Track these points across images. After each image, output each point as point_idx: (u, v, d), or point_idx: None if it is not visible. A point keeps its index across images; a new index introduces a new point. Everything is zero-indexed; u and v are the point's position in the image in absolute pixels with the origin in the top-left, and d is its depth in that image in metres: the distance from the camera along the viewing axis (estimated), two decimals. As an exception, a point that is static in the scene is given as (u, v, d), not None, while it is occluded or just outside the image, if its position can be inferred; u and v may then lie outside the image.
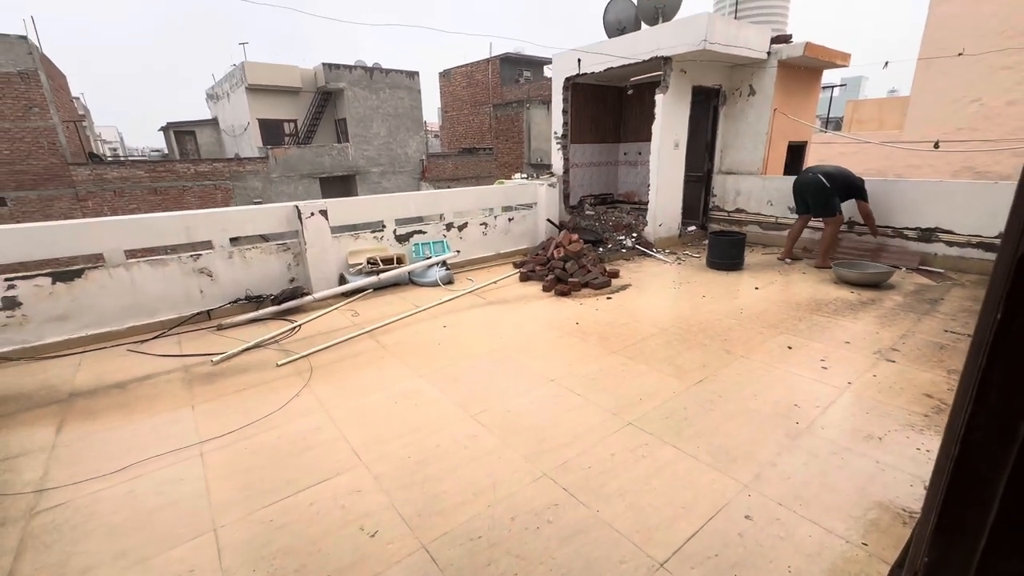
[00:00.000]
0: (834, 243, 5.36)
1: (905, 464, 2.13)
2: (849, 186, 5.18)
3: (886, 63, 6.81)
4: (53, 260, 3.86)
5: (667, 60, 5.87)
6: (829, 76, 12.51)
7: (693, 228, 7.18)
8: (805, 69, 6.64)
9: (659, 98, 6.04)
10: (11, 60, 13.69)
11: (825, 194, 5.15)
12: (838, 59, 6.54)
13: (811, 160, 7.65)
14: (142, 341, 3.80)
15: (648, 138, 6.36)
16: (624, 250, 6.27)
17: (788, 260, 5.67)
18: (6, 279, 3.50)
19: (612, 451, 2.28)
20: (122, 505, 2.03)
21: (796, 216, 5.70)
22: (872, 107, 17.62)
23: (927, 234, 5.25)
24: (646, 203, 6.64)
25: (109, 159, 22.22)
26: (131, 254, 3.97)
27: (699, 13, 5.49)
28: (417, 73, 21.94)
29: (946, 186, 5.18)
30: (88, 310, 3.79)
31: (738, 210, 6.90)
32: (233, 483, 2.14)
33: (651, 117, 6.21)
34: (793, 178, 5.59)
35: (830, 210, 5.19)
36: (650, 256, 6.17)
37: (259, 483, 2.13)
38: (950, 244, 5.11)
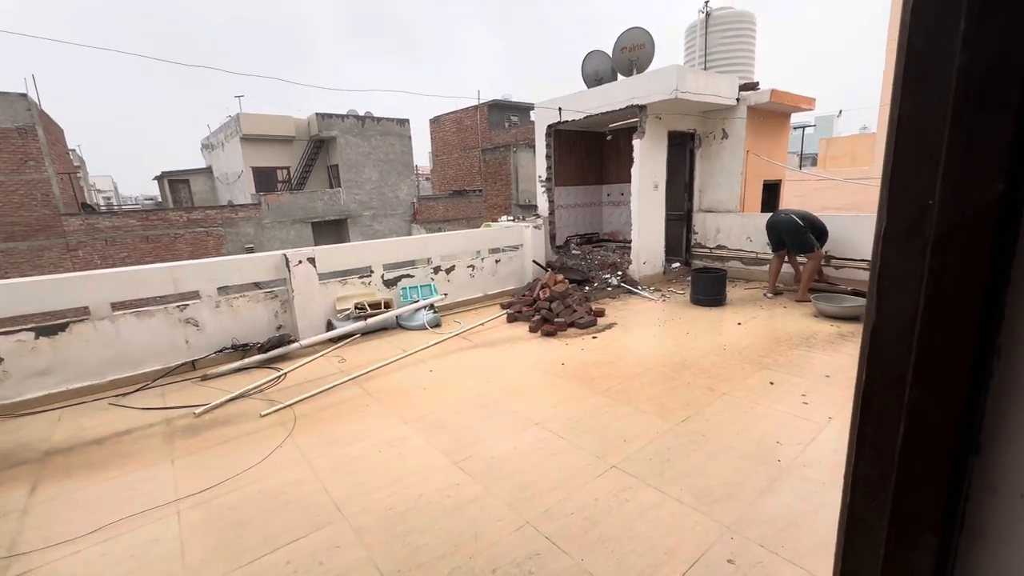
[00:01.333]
0: (813, 277, 5.51)
1: (885, 500, 2.14)
2: (815, 227, 5.42)
3: (839, 112, 7.24)
4: (39, 314, 3.86)
5: (642, 108, 6.19)
6: (804, 116, 13.10)
7: (677, 265, 7.34)
8: (773, 113, 7.02)
9: (636, 143, 6.32)
10: (10, 117, 14.05)
11: (800, 232, 5.35)
12: (803, 103, 6.93)
13: (787, 196, 7.95)
14: (125, 394, 3.76)
15: (628, 179, 6.60)
16: (610, 288, 6.38)
17: (770, 295, 5.79)
18: (-11, 335, 3.49)
19: (596, 496, 2.27)
20: (93, 570, 1.97)
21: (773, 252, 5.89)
22: (844, 144, 18.44)
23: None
24: (630, 241, 6.82)
25: (102, 209, 22.43)
26: (117, 305, 3.98)
27: (669, 65, 5.84)
28: (407, 120, 22.72)
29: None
30: (71, 364, 3.77)
31: (719, 246, 7.09)
32: (209, 542, 2.10)
33: (631, 160, 6.47)
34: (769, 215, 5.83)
35: (808, 246, 5.38)
36: (635, 294, 6.27)
37: (236, 541, 2.09)
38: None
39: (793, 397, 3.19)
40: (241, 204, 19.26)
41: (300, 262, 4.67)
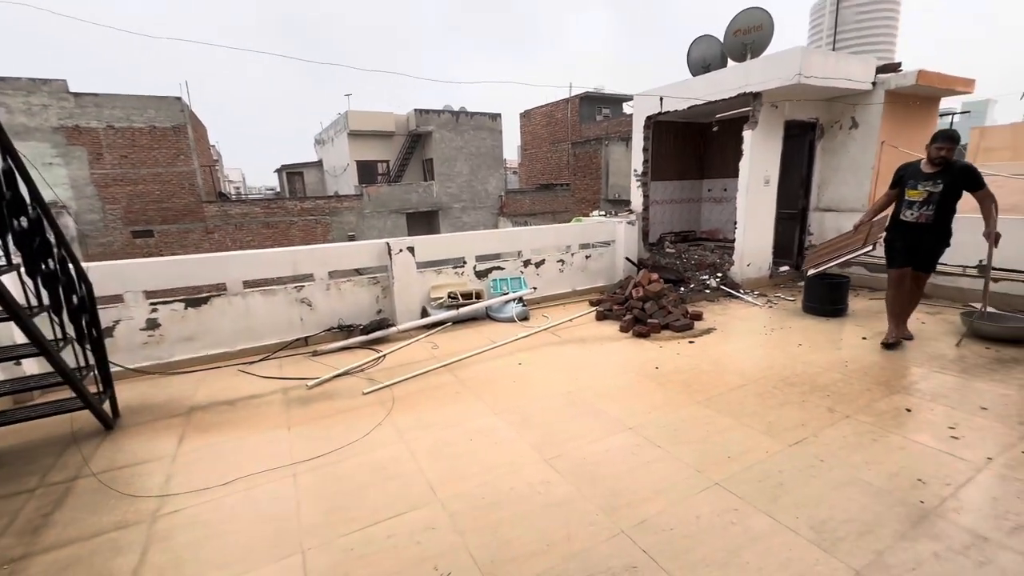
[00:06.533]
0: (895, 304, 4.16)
1: (1073, 569, 1.75)
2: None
3: None
4: (186, 288, 4.46)
5: (756, 95, 5.67)
6: (950, 103, 11.34)
7: (786, 268, 6.68)
8: (918, 98, 6.08)
9: (747, 134, 5.82)
10: (168, 117, 16.43)
11: None
12: (959, 85, 5.92)
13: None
14: (250, 363, 4.22)
15: (734, 174, 6.11)
16: (708, 291, 5.97)
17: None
18: (151, 303, 4.10)
19: (697, 513, 2.12)
20: (227, 517, 2.22)
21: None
22: (1004, 134, 15.55)
23: (1087, 282, 4.44)
24: (732, 241, 6.32)
25: (233, 197, 25.52)
26: (248, 283, 4.48)
27: (792, 47, 5.28)
28: (499, 115, 23.08)
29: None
30: (210, 332, 4.31)
31: (839, 250, 6.31)
32: (320, 506, 2.27)
33: (737, 153, 5.98)
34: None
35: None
36: (737, 298, 5.81)
37: (343, 509, 2.24)
38: (1120, 295, 4.27)
39: (937, 429, 2.74)
40: (346, 195, 20.89)
41: (401, 250, 4.91)
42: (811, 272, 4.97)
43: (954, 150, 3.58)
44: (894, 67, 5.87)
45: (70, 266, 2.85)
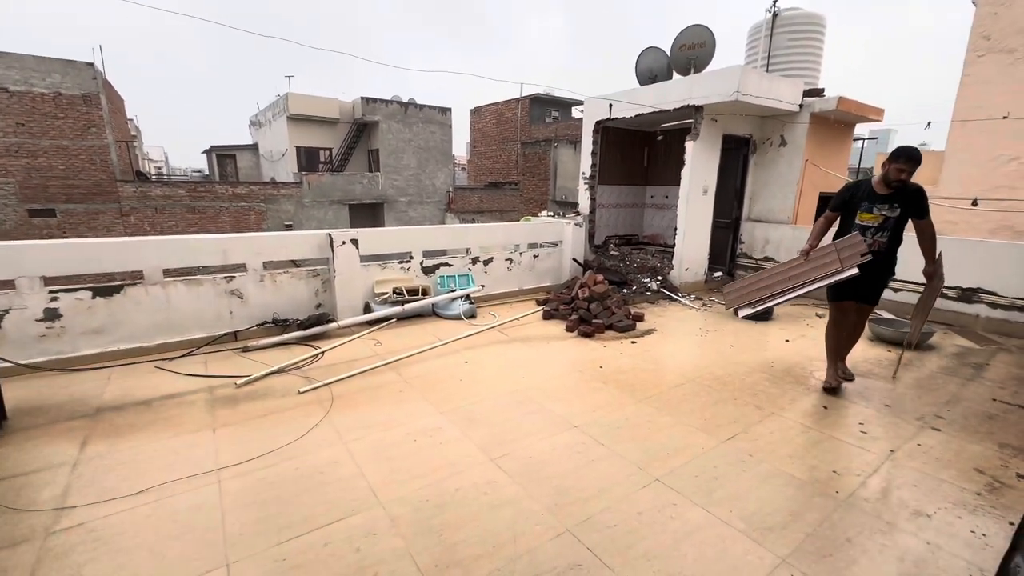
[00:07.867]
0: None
1: (959, 548, 1.97)
2: None
3: (928, 123, 6.78)
4: (94, 275, 3.99)
5: (698, 109, 5.97)
6: (859, 129, 12.48)
7: (720, 274, 7.09)
8: (838, 122, 6.66)
9: (689, 145, 6.11)
10: (77, 84, 14.73)
11: None
12: (871, 113, 6.55)
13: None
14: (170, 359, 3.86)
15: (676, 182, 6.40)
16: (649, 293, 6.21)
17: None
18: (50, 291, 3.63)
19: (639, 509, 2.17)
20: (138, 531, 2.00)
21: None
22: (903, 160, 17.41)
23: (967, 294, 5.06)
24: (672, 246, 6.62)
25: (153, 178, 23.37)
26: (169, 272, 4.09)
27: (732, 65, 5.60)
28: (449, 109, 22.77)
29: (988, 246, 5.02)
30: (122, 325, 3.89)
31: (767, 258, 6.80)
32: (249, 515, 2.10)
33: (680, 162, 6.26)
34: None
35: None
36: (675, 300, 6.08)
37: (275, 517, 2.09)
38: (993, 306, 4.91)
39: (849, 425, 3.00)
40: (283, 182, 19.75)
41: (344, 243, 4.69)
42: (748, 312, 3.84)
43: (913, 173, 3.04)
44: (818, 92, 6.39)
45: (-54, 245, 2.45)
